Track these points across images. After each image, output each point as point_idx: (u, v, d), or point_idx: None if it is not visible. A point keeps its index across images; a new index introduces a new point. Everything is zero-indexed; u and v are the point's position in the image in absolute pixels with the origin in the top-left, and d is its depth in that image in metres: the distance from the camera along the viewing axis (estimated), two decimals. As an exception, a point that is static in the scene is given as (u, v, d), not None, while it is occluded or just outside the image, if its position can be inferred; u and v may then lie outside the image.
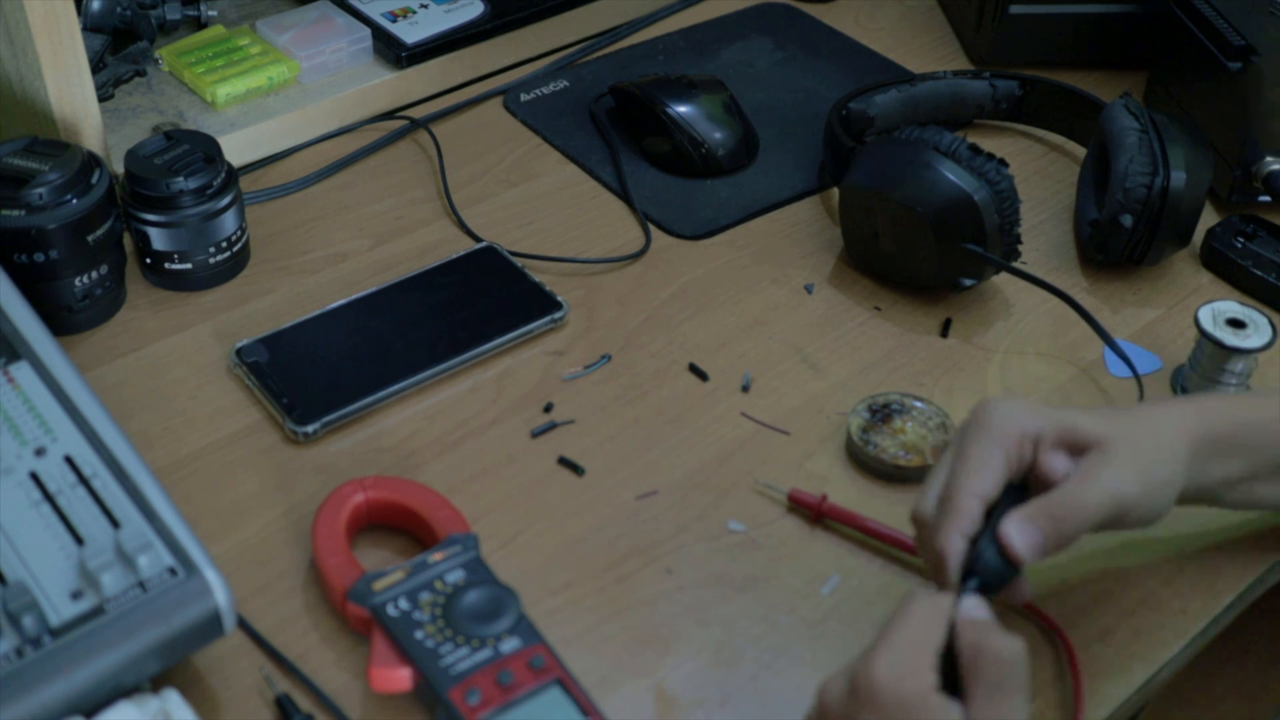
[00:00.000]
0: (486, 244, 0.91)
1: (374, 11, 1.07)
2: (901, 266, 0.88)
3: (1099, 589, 0.71)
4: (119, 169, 0.88)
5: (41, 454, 0.65)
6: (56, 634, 0.59)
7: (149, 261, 0.87)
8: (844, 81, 1.08)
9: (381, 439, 0.78)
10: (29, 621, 0.59)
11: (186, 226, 0.85)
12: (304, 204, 0.96)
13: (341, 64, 1.03)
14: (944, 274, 0.86)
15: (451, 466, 0.77)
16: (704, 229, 0.95)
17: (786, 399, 0.82)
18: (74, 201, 0.80)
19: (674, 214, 0.96)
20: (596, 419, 0.80)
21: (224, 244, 0.87)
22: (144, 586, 0.61)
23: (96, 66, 0.97)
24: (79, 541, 0.62)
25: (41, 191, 0.79)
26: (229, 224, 0.87)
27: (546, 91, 1.07)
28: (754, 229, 0.95)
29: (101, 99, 0.94)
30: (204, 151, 0.86)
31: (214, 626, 0.62)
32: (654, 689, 0.66)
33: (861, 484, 0.77)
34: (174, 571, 0.61)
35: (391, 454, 0.78)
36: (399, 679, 0.63)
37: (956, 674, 0.56)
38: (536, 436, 0.79)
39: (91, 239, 0.81)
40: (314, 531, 0.69)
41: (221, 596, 0.62)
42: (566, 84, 1.08)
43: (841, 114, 0.97)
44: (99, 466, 0.65)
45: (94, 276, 0.83)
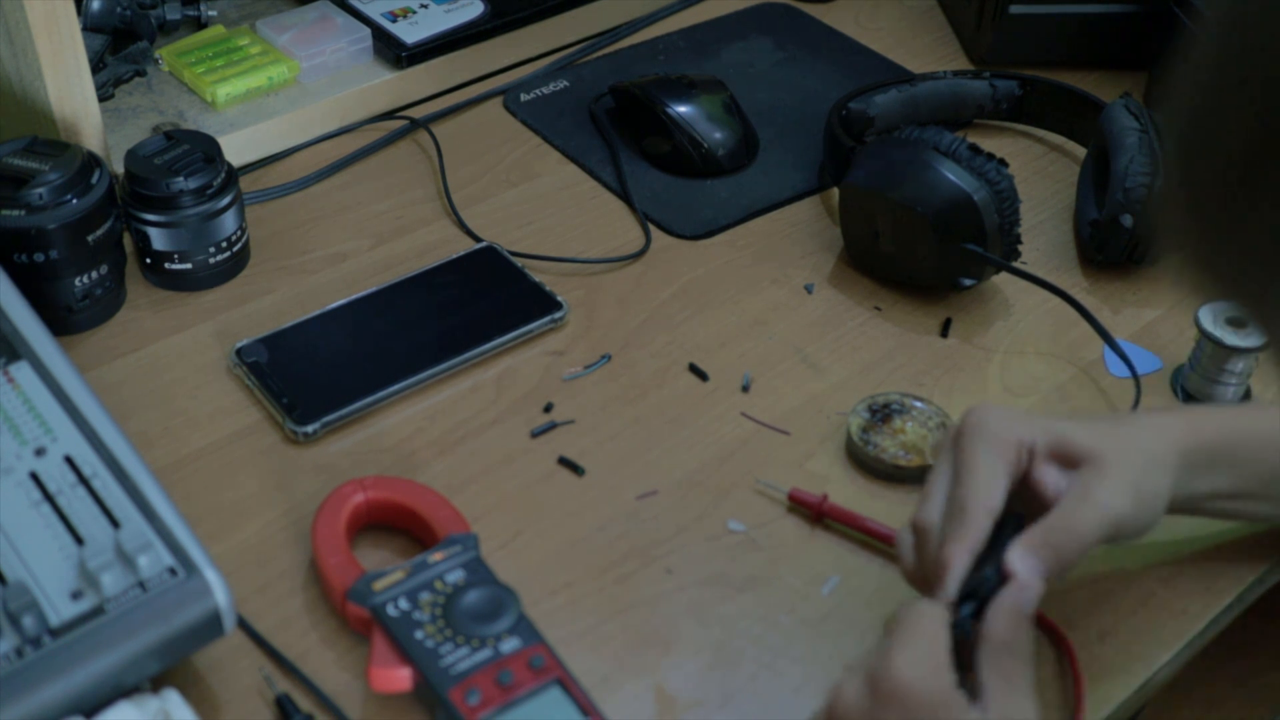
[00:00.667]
0: (486, 244, 0.91)
1: (374, 11, 1.07)
2: (901, 266, 0.88)
3: (1099, 589, 0.71)
4: (119, 169, 0.88)
5: (41, 454, 0.65)
6: (56, 634, 0.59)
7: (149, 261, 0.87)
8: (844, 81, 1.08)
9: (381, 439, 0.78)
10: (29, 621, 0.59)
11: (186, 226, 0.85)
12: (304, 204, 0.96)
13: (341, 64, 1.03)
14: (944, 274, 0.86)
15: (451, 466, 0.77)
16: (704, 229, 0.95)
17: (786, 399, 0.82)
18: (74, 201, 0.80)
19: (674, 214, 0.96)
20: (596, 419, 0.80)
21: (224, 244, 0.87)
22: (144, 586, 0.61)
23: (96, 66, 0.97)
24: (79, 541, 0.62)
25: (41, 191, 0.79)
26: (229, 224, 0.87)
27: (546, 91, 1.07)
28: (754, 229, 0.95)
29: (101, 99, 0.94)
30: (204, 151, 0.86)
31: (214, 626, 0.62)
32: (654, 689, 0.66)
33: (861, 484, 0.77)
34: (174, 571, 0.61)
35: (391, 454, 0.78)
36: (399, 679, 0.63)
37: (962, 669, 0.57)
38: (536, 436, 0.79)
39: (91, 239, 0.82)
40: (314, 531, 0.69)
41: (221, 596, 0.62)
42: (566, 84, 1.08)
43: (841, 114, 0.97)
44: (99, 466, 0.65)
45: (94, 276, 0.83)
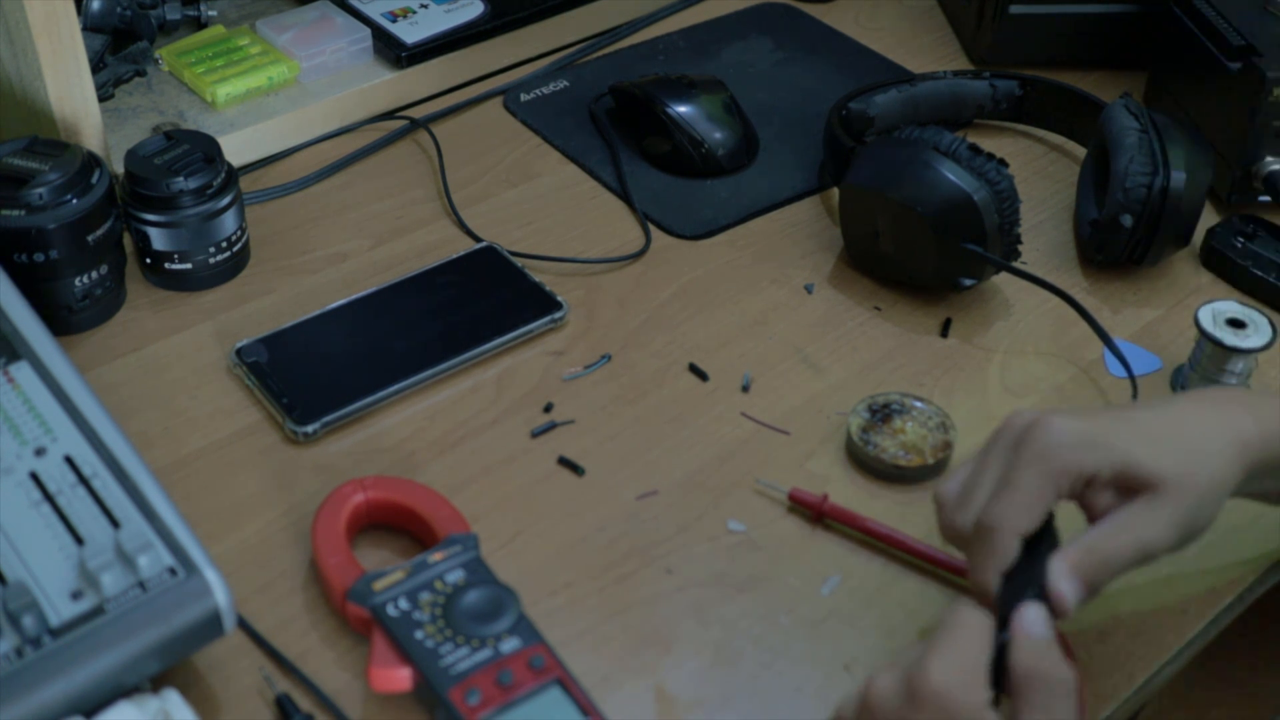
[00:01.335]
0: (486, 244, 0.91)
1: (374, 11, 1.07)
2: (901, 266, 0.88)
3: (1099, 589, 0.71)
4: (119, 169, 0.88)
5: (41, 454, 0.65)
6: (56, 634, 0.59)
7: (149, 261, 0.87)
8: (844, 81, 1.08)
9: (381, 439, 0.78)
10: (29, 621, 0.59)
11: (186, 226, 0.85)
12: (304, 204, 0.96)
13: (341, 64, 1.03)
14: (944, 274, 0.86)
15: (451, 466, 0.77)
16: (704, 229, 0.95)
17: (786, 399, 0.82)
18: (74, 201, 0.80)
19: (674, 214, 0.96)
20: (596, 419, 0.80)
21: (224, 244, 0.87)
22: (144, 586, 0.61)
23: (96, 66, 0.97)
24: (79, 541, 0.62)
25: (41, 191, 0.79)
26: (229, 224, 0.87)
27: (546, 91, 1.07)
28: (754, 229, 0.95)
29: (101, 99, 0.94)
30: (204, 151, 0.86)
31: (214, 626, 0.62)
32: (654, 689, 0.66)
33: (861, 484, 0.77)
34: (174, 571, 0.61)
35: (391, 454, 0.78)
36: (399, 679, 0.63)
37: (998, 688, 0.55)
38: (536, 436, 0.79)
39: (91, 239, 0.81)
40: (314, 531, 0.69)
41: (221, 596, 0.62)
42: (566, 84, 1.08)
43: (841, 114, 0.97)
44: (99, 466, 0.65)
45: (94, 276, 0.83)
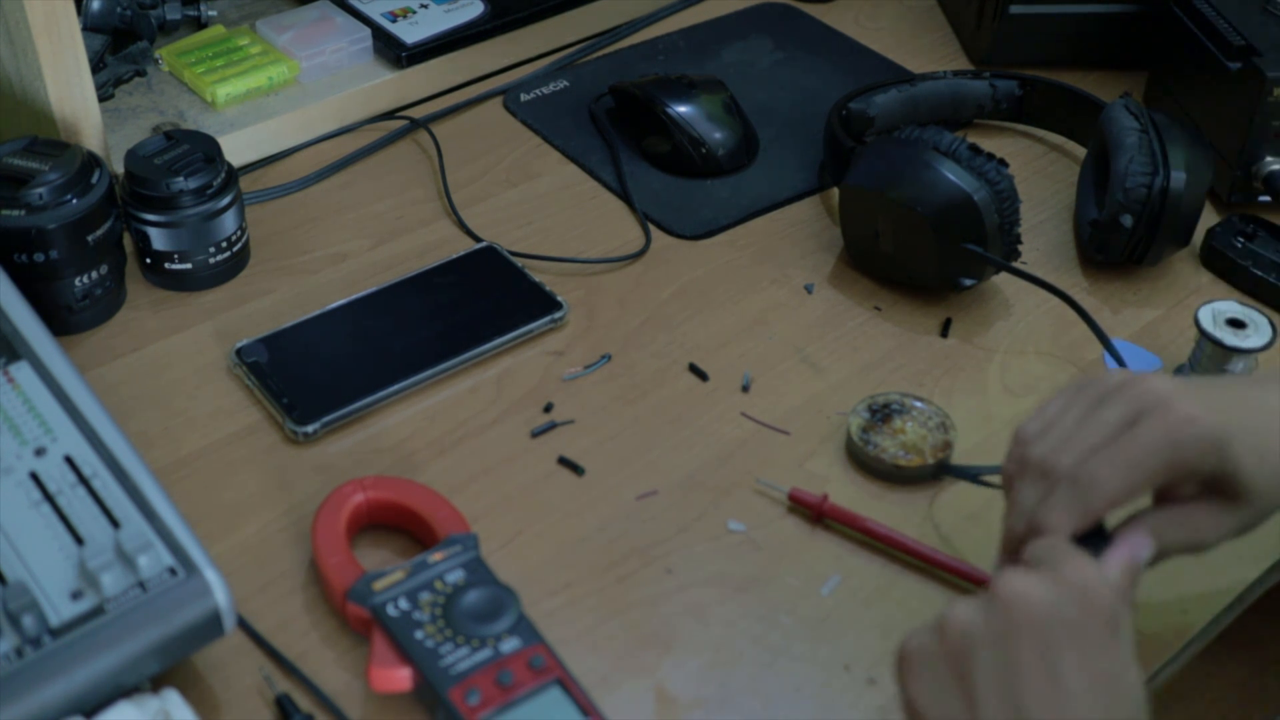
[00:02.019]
0: (486, 244, 0.91)
1: (374, 11, 1.07)
2: (901, 266, 0.88)
3: (1099, 589, 0.71)
4: (119, 169, 0.88)
5: (41, 454, 0.65)
6: (56, 634, 0.59)
7: (149, 261, 0.87)
8: (844, 81, 1.08)
9: (381, 439, 0.78)
10: (29, 621, 0.59)
11: (186, 226, 0.85)
12: (304, 204, 0.96)
13: (341, 64, 1.03)
14: (944, 274, 0.86)
15: (451, 466, 0.77)
16: (704, 229, 0.95)
17: (786, 399, 0.82)
18: (74, 201, 0.80)
19: (674, 214, 0.96)
20: (596, 419, 0.80)
21: (224, 244, 0.87)
22: (144, 586, 0.61)
23: (96, 66, 0.97)
24: (79, 541, 0.62)
25: (41, 191, 0.79)
26: (229, 224, 0.87)
27: (546, 91, 1.07)
28: (754, 229, 0.95)
29: (101, 99, 0.94)
30: (204, 151, 0.86)
31: (214, 626, 0.62)
32: (654, 689, 0.66)
33: (861, 484, 0.77)
34: (174, 571, 0.61)
35: (391, 454, 0.78)
36: (399, 679, 0.63)
37: None
38: (536, 436, 0.79)
39: (91, 239, 0.81)
40: (314, 531, 0.69)
41: (221, 596, 0.62)
42: (566, 84, 1.08)
43: (841, 114, 0.97)
44: (99, 466, 0.65)
45: (94, 276, 0.83)
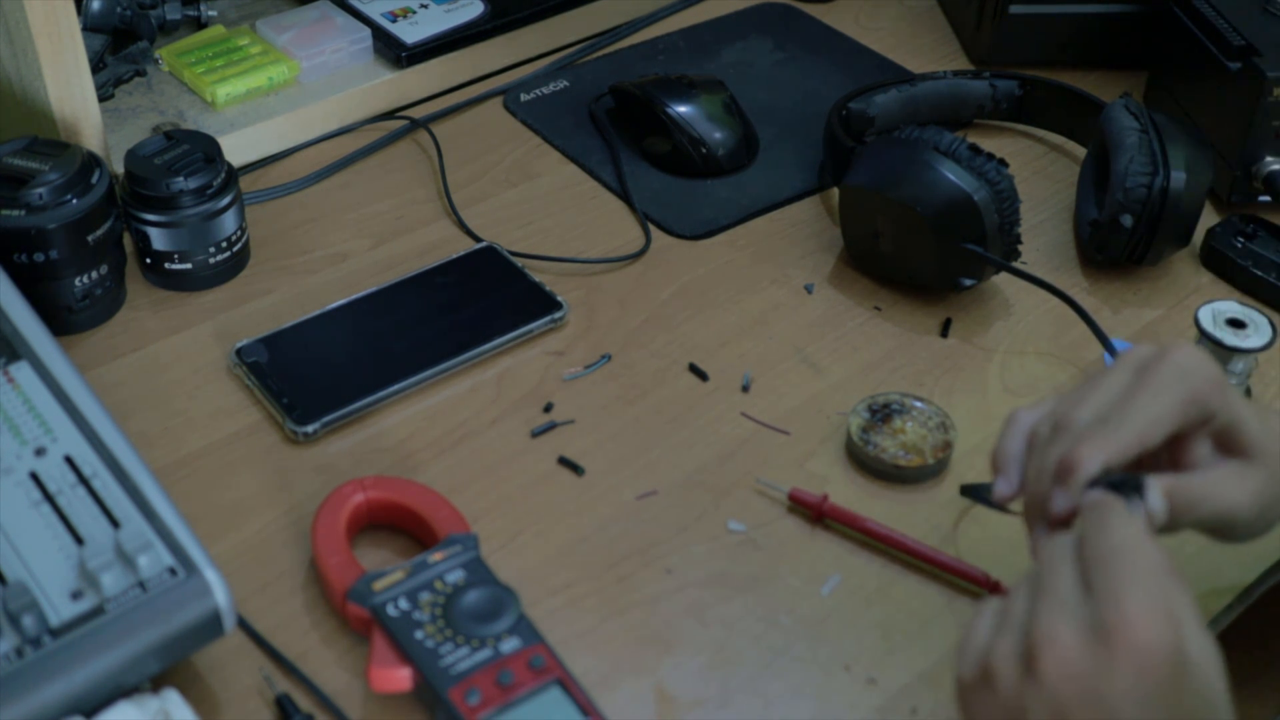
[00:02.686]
0: (486, 244, 0.91)
1: (374, 11, 1.07)
2: (901, 266, 0.88)
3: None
4: (119, 169, 0.88)
5: (41, 454, 0.65)
6: (56, 634, 0.59)
7: (149, 261, 0.87)
8: (844, 81, 1.08)
9: (381, 439, 0.78)
10: (29, 621, 0.59)
11: (186, 226, 0.85)
12: (304, 204, 0.96)
13: (341, 64, 1.03)
14: (944, 274, 0.86)
15: (451, 466, 0.77)
16: (704, 229, 0.95)
17: (786, 399, 0.82)
18: (74, 201, 0.80)
19: (674, 214, 0.96)
20: (596, 419, 0.80)
21: (224, 244, 0.87)
22: (144, 586, 0.61)
23: (96, 66, 0.97)
24: (79, 541, 0.62)
25: (41, 191, 0.79)
26: (229, 224, 0.87)
27: (546, 91, 1.07)
28: (754, 229, 0.95)
29: (101, 99, 0.94)
30: (204, 151, 0.86)
31: (214, 626, 0.62)
32: (654, 689, 0.66)
33: (861, 484, 0.77)
34: (174, 571, 0.61)
35: (391, 454, 0.78)
36: (399, 679, 0.63)
37: None
38: (536, 436, 0.79)
39: (91, 239, 0.81)
40: (314, 531, 0.69)
41: (221, 596, 0.62)
42: (566, 84, 1.08)
43: (841, 114, 0.97)
44: (99, 466, 0.65)
45: (94, 276, 0.83)
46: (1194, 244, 0.92)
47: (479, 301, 0.86)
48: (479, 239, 0.92)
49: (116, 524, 0.63)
